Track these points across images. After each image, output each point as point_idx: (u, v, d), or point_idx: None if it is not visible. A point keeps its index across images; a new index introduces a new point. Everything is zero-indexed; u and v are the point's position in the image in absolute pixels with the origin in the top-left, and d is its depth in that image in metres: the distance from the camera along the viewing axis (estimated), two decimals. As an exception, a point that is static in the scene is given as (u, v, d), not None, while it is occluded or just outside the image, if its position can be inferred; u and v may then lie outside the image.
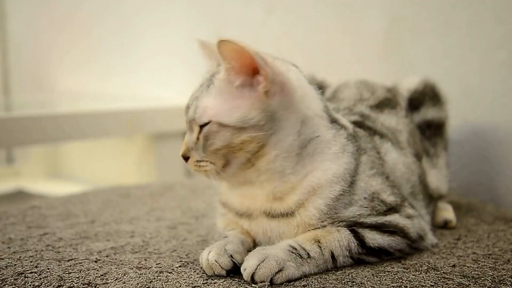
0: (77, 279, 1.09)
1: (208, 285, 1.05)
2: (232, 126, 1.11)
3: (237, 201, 1.21)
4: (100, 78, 3.29)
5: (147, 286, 1.05)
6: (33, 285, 1.08)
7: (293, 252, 1.07)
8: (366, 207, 1.17)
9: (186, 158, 1.16)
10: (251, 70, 1.11)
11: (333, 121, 1.21)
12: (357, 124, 1.32)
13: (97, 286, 1.06)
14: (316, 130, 1.17)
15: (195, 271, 1.13)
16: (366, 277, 1.08)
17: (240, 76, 1.11)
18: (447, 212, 1.50)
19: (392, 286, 1.04)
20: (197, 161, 1.14)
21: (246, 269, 1.04)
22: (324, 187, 1.15)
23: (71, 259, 1.21)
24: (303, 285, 1.04)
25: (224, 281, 1.07)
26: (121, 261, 1.20)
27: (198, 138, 1.13)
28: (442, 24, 1.93)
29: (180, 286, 1.05)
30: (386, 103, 1.51)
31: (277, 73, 1.12)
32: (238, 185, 1.19)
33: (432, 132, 1.58)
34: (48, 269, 1.15)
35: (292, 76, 1.16)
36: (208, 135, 1.12)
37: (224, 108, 1.12)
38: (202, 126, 1.13)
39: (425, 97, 1.58)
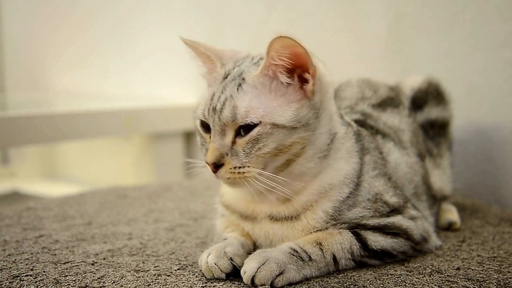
0: (73, 282, 1.09)
1: (207, 289, 1.05)
2: (286, 127, 1.08)
3: (242, 204, 1.21)
4: (97, 76, 3.29)
5: (145, 289, 1.05)
6: (29, 288, 1.08)
7: (294, 255, 1.07)
8: (369, 209, 1.17)
9: (217, 166, 1.08)
10: (295, 67, 1.09)
11: (341, 117, 1.23)
12: (358, 122, 1.32)
13: (94, 289, 1.06)
14: (335, 126, 1.18)
15: (194, 274, 1.13)
16: (368, 280, 1.08)
17: (285, 73, 1.09)
18: (451, 214, 1.50)
19: (395, 289, 1.04)
20: (235, 167, 1.08)
21: (246, 272, 1.04)
22: (335, 188, 1.16)
23: (68, 262, 1.21)
24: (304, 288, 1.03)
25: (223, 284, 1.07)
26: (118, 263, 1.20)
27: (233, 142, 1.09)
28: (446, 22, 1.93)
29: (178, 290, 1.05)
30: (389, 102, 1.51)
31: (319, 70, 1.12)
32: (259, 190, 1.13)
33: (435, 132, 1.58)
34: (44, 272, 1.15)
35: (326, 72, 1.16)
36: (259, 137, 1.07)
37: (274, 107, 1.08)
38: (245, 128, 1.07)
39: (428, 96, 1.58)
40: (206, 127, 1.14)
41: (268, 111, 1.07)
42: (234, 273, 1.09)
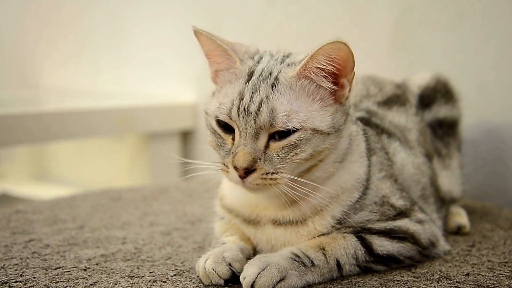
0: (65, 288, 1.09)
1: (205, 295, 1.05)
2: (324, 132, 1.08)
3: (247, 208, 1.21)
4: (89, 73, 3.29)
5: (139, 296, 1.05)
6: (18, 295, 1.08)
7: (296, 260, 1.07)
8: (376, 212, 1.18)
9: (248, 171, 1.06)
10: (339, 73, 1.09)
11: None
12: (362, 121, 1.32)
13: (86, 296, 1.06)
14: (352, 128, 1.20)
15: (191, 280, 1.13)
16: (373, 286, 1.08)
17: (328, 77, 1.09)
18: (461, 217, 1.50)
19: (402, 296, 1.04)
20: (267, 173, 1.06)
21: (246, 278, 1.04)
22: (346, 192, 1.16)
23: (59, 267, 1.21)
24: (307, 295, 1.04)
25: (222, 291, 1.07)
26: (111, 269, 1.20)
27: (266, 146, 1.07)
28: (455, 15, 1.93)
29: (175, 296, 1.05)
30: (395, 99, 1.51)
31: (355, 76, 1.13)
32: (266, 197, 1.14)
33: (444, 132, 1.58)
34: (34, 278, 1.15)
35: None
36: (299, 143, 1.06)
37: (314, 112, 1.08)
38: (281, 132, 1.06)
39: (437, 94, 1.58)
40: (225, 127, 1.12)
41: (309, 116, 1.07)
42: (233, 279, 1.09)
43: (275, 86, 1.08)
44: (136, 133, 2.78)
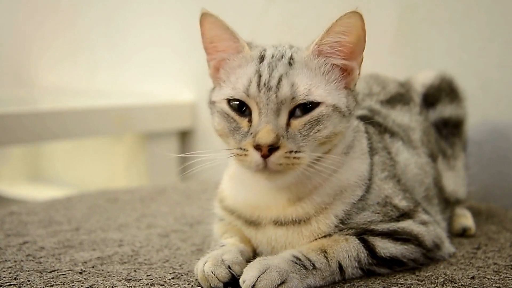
0: (60, 292, 1.09)
1: (203, 299, 1.05)
2: (342, 112, 1.10)
3: (248, 209, 1.21)
4: (85, 72, 3.29)
5: (136, 300, 1.05)
6: (12, 299, 1.08)
7: (297, 263, 1.07)
8: (378, 213, 1.18)
9: (272, 149, 1.04)
10: (351, 52, 1.12)
11: None
12: (365, 119, 1.31)
13: (82, 300, 1.06)
14: (356, 121, 1.21)
15: (189, 284, 1.13)
16: (377, 290, 1.08)
17: (342, 55, 1.11)
18: (466, 219, 1.50)
19: (406, 299, 1.04)
20: (290, 152, 1.05)
21: (246, 281, 1.04)
22: (349, 190, 1.16)
23: (54, 270, 1.20)
24: (308, 299, 1.04)
25: (221, 294, 1.06)
26: (108, 272, 1.20)
27: (288, 124, 1.08)
28: (460, 13, 1.93)
29: (173, 300, 1.05)
30: (398, 98, 1.51)
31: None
32: (280, 186, 1.13)
33: (449, 131, 1.57)
34: (29, 281, 1.14)
35: None
36: (320, 118, 1.07)
37: (331, 90, 1.10)
38: (302, 108, 1.07)
39: (441, 92, 1.58)
40: (239, 110, 1.11)
41: (328, 93, 1.09)
42: (232, 282, 1.09)
43: (292, 64, 1.10)
44: (134, 132, 2.77)
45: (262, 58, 1.13)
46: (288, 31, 2.40)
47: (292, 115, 1.08)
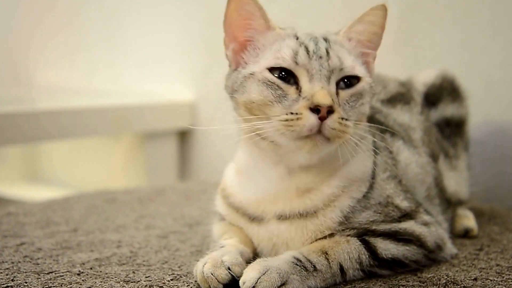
0: (57, 294, 1.09)
1: (203, 301, 1.05)
2: (373, 93, 1.18)
3: (253, 204, 1.21)
4: (83, 71, 3.29)
5: (135, 301, 1.05)
6: (9, 300, 1.08)
7: (297, 265, 1.07)
8: (380, 213, 1.18)
9: (329, 112, 1.05)
10: (373, 42, 1.20)
11: None
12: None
13: (80, 302, 1.06)
14: None
15: (188, 285, 1.13)
16: (378, 291, 1.08)
17: (366, 46, 1.19)
18: (468, 220, 1.50)
19: (408, 301, 1.04)
20: (342, 118, 1.07)
21: (246, 283, 1.03)
22: (355, 183, 1.17)
23: (51, 272, 1.20)
24: (309, 301, 1.03)
25: (220, 296, 1.06)
26: (106, 274, 1.19)
27: (337, 94, 1.10)
28: (462, 11, 1.93)
29: (172, 302, 1.05)
30: (399, 98, 1.51)
31: None
32: (286, 172, 1.16)
33: (451, 131, 1.57)
34: (26, 282, 1.14)
35: None
36: (363, 92, 1.14)
37: (364, 70, 1.17)
38: (346, 81, 1.12)
39: (443, 92, 1.58)
40: (283, 78, 1.11)
41: (364, 72, 1.17)
42: (232, 284, 1.08)
43: (328, 42, 1.15)
44: (132, 132, 2.77)
45: (297, 37, 1.17)
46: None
47: (337, 86, 1.12)
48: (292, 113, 1.06)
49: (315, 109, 1.04)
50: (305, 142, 1.07)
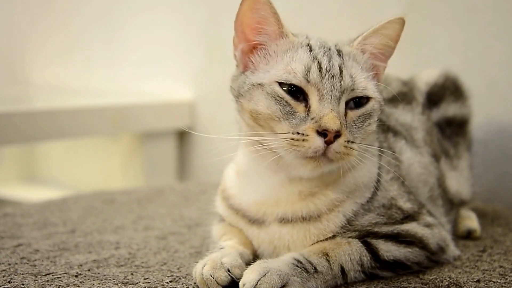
0: (55, 296, 1.09)
1: (202, 303, 1.05)
2: (382, 109, 1.16)
3: (254, 207, 1.21)
4: (81, 70, 3.29)
5: (133, 304, 1.05)
6: (6, 303, 1.08)
7: (298, 266, 1.07)
8: (383, 215, 1.18)
9: (336, 136, 1.05)
10: (386, 53, 1.19)
11: None
12: None
13: (78, 304, 1.06)
14: None
15: (187, 287, 1.13)
16: (380, 293, 1.08)
17: (378, 59, 1.17)
18: (471, 221, 1.50)
19: (410, 303, 1.04)
20: (347, 141, 1.07)
21: (245, 285, 1.04)
22: (360, 190, 1.17)
23: (49, 274, 1.20)
24: (309, 303, 1.03)
25: (220, 298, 1.06)
26: (104, 275, 1.19)
27: (345, 114, 1.10)
28: (465, 10, 1.93)
29: (170, 304, 1.05)
30: (401, 97, 1.51)
31: None
32: (289, 178, 1.15)
33: (453, 131, 1.57)
34: (23, 284, 1.14)
35: None
36: (372, 112, 1.13)
37: (374, 87, 1.15)
38: (356, 101, 1.11)
39: (445, 91, 1.58)
40: (292, 94, 1.09)
41: (375, 90, 1.15)
42: (231, 286, 1.08)
43: (342, 56, 1.13)
44: (130, 132, 2.77)
45: (310, 47, 1.14)
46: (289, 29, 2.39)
47: (346, 106, 1.11)
48: (298, 133, 1.06)
49: (322, 133, 1.05)
50: (309, 161, 1.08)
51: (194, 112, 2.76)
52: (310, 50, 1.13)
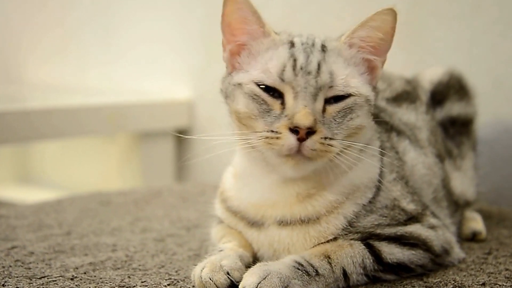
0: (50, 299, 1.09)
1: (201, 307, 1.05)
2: (370, 105, 1.15)
3: (252, 209, 1.21)
4: (76, 68, 3.29)
5: (131, 307, 1.05)
6: (0, 306, 1.08)
7: (299, 269, 1.07)
8: (386, 217, 1.18)
9: (309, 132, 1.05)
10: (380, 48, 1.17)
11: None
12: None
13: (74, 307, 1.06)
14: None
15: (186, 291, 1.13)
16: (383, 297, 1.08)
17: (371, 53, 1.16)
18: (476, 222, 1.50)
19: (413, 307, 1.04)
20: (325, 138, 1.07)
21: (245, 288, 1.04)
22: (360, 190, 1.17)
23: (44, 277, 1.20)
24: (311, 307, 1.03)
25: (219, 301, 1.06)
26: (101, 278, 1.19)
27: (323, 110, 1.10)
28: (470, 6, 1.93)
29: (169, 308, 1.05)
30: (405, 96, 1.51)
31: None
32: (302, 175, 1.14)
33: (457, 130, 1.57)
34: (17, 287, 1.14)
35: None
36: (354, 107, 1.11)
37: (363, 82, 1.15)
38: (337, 96, 1.10)
39: (450, 90, 1.58)
40: (269, 92, 1.11)
41: (362, 85, 1.14)
42: (231, 289, 1.09)
43: (325, 52, 1.13)
44: (127, 132, 2.77)
45: (292, 44, 1.15)
46: (289, 26, 2.39)
47: (326, 101, 1.11)
48: (273, 131, 1.07)
49: (294, 130, 1.05)
50: (287, 159, 1.09)
51: (193, 111, 2.76)
52: (292, 47, 1.14)
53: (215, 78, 1.25)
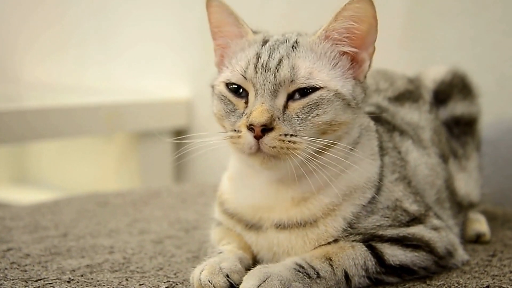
0: (46, 302, 1.09)
1: (200, 310, 1.05)
2: (346, 99, 1.12)
3: (249, 212, 1.21)
4: (74, 67, 3.29)
5: (128, 310, 1.05)
6: (-5, 309, 1.08)
7: (299, 271, 1.06)
8: (388, 217, 1.17)
9: (264, 130, 1.06)
10: (360, 40, 1.15)
11: None
12: (372, 117, 1.31)
13: (70, 310, 1.06)
14: (364, 116, 1.22)
15: (184, 293, 1.13)
16: (385, 300, 1.08)
17: (350, 42, 1.14)
18: (480, 224, 1.50)
19: (416, 310, 1.04)
20: (285, 135, 1.07)
21: (245, 291, 1.04)
22: (358, 191, 1.17)
23: (40, 279, 1.20)
24: (312, 310, 1.03)
25: (218, 304, 1.06)
26: (98, 281, 1.19)
27: (285, 106, 1.10)
28: (473, 4, 1.93)
29: (167, 311, 1.05)
30: (407, 95, 1.51)
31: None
32: (279, 175, 1.14)
33: (461, 130, 1.57)
34: (13, 290, 1.14)
35: None
36: (320, 102, 1.09)
37: (336, 76, 1.13)
38: (302, 92, 1.09)
39: (453, 89, 1.58)
40: (236, 92, 1.14)
41: (332, 78, 1.12)
42: (231, 292, 1.09)
43: (296, 47, 1.14)
44: (125, 132, 2.77)
45: (265, 42, 1.17)
46: (290, 23, 2.39)
47: (290, 98, 1.10)
48: (235, 130, 1.09)
49: (251, 128, 1.06)
50: (254, 158, 1.10)
51: (191, 111, 2.76)
52: (264, 45, 1.16)
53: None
